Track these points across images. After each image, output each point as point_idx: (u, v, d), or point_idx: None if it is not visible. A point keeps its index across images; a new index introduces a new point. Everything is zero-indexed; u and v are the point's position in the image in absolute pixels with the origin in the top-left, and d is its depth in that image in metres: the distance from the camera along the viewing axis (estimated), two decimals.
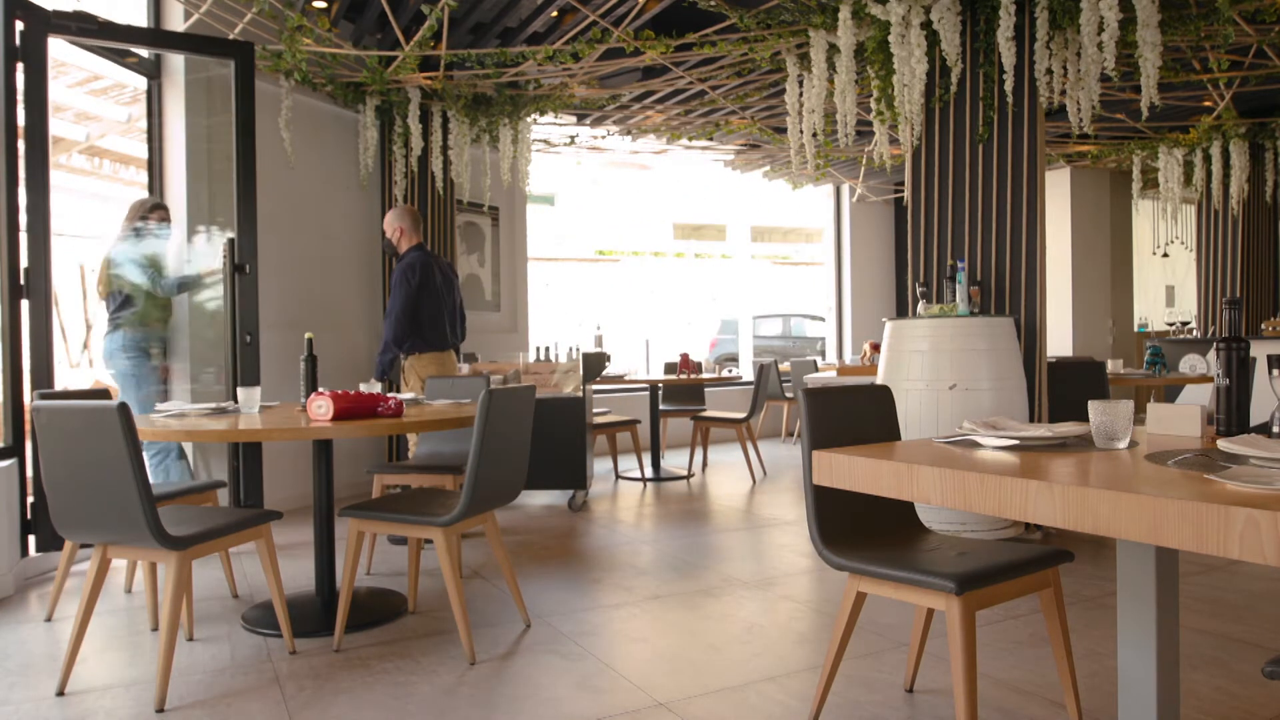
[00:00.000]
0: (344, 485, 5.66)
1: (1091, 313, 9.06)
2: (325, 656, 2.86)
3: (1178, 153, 7.66)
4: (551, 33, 5.43)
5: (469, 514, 2.84)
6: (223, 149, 4.95)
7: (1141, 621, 1.72)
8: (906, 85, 4.52)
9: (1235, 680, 2.56)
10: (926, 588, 1.98)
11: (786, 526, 4.84)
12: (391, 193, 6.08)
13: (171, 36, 4.80)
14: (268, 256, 5.44)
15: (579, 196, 13.18)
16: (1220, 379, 1.88)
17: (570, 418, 5.30)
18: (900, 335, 4.36)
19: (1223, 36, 4.85)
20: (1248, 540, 1.16)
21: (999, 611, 3.18)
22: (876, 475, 1.73)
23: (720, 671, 2.73)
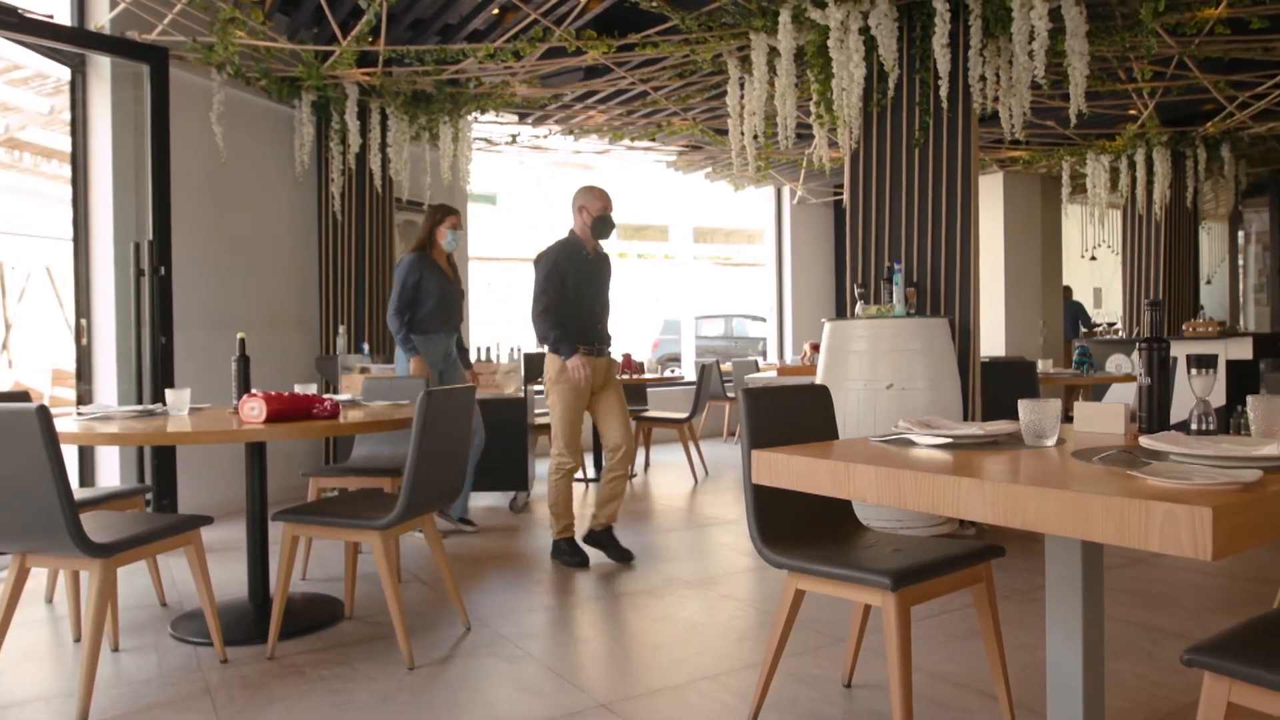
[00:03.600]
0: (278, 489, 5.53)
1: (1023, 314, 9.30)
2: (258, 665, 2.79)
3: (1104, 159, 7.92)
4: (492, 30, 5.38)
5: (407, 517, 2.80)
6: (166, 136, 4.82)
7: (1068, 613, 1.77)
8: (845, 89, 4.59)
9: (1157, 668, 2.65)
10: (863, 584, 2.01)
11: (728, 525, 4.87)
12: (328, 190, 5.96)
13: (84, 35, 4.64)
14: (198, 255, 5.29)
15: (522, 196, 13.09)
16: (1142, 378, 1.94)
17: (512, 419, 5.26)
18: (839, 336, 4.42)
19: (1146, 48, 5.02)
20: (1167, 533, 1.20)
21: (934, 606, 3.24)
22: (814, 474, 1.75)
23: (662, 671, 2.74)
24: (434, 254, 4.69)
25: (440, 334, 4.70)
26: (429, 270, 4.62)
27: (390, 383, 4.14)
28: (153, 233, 4.58)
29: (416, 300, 4.59)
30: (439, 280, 4.64)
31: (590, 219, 4.08)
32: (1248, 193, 9.31)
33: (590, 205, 4.09)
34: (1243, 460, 1.50)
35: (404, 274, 4.59)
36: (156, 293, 4.57)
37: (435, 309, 4.63)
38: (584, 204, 4.10)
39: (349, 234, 6.05)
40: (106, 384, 4.81)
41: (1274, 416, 1.73)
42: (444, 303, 4.66)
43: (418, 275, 4.58)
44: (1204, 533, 1.16)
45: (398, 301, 4.57)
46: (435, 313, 4.63)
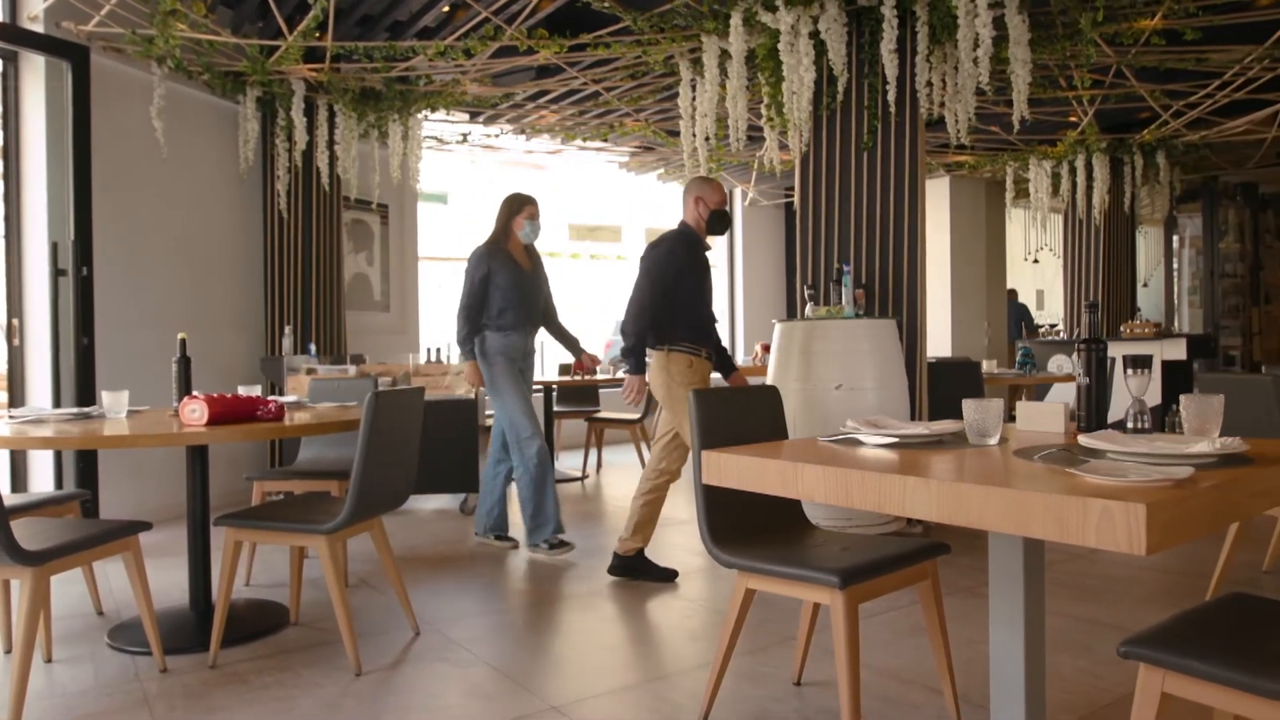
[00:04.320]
0: (221, 493, 5.41)
1: (969, 315, 9.49)
2: (200, 674, 2.72)
3: (1046, 164, 8.12)
4: (443, 28, 5.33)
5: (354, 520, 2.75)
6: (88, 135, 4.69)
7: (1010, 609, 1.80)
8: (795, 93, 4.63)
9: (1096, 661, 2.72)
10: (812, 583, 2.03)
11: (680, 526, 4.88)
12: (274, 187, 5.85)
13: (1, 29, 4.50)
14: (136, 252, 5.15)
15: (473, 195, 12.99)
16: (1081, 378, 1.99)
17: (462, 420, 5.21)
18: (789, 336, 4.46)
19: (1085, 57, 5.16)
20: (1103, 530, 1.23)
21: (882, 604, 3.28)
22: (764, 474, 1.76)
23: (613, 672, 2.73)
24: (509, 246, 4.33)
25: (518, 331, 4.30)
26: (499, 263, 4.26)
27: (337, 384, 4.07)
28: (74, 232, 4.46)
29: (487, 296, 4.24)
30: (511, 274, 4.27)
31: (707, 211, 3.78)
32: (1182, 199, 9.62)
33: (708, 196, 3.78)
34: (1175, 458, 1.55)
35: (470, 269, 4.26)
36: (79, 293, 4.45)
37: (508, 305, 4.24)
38: (701, 194, 3.79)
39: (295, 233, 5.94)
40: (40, 386, 4.66)
41: (1205, 415, 1.79)
42: (519, 298, 4.28)
43: (485, 269, 4.23)
44: (1138, 528, 1.19)
45: (466, 299, 4.23)
46: (509, 309, 4.25)
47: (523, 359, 4.38)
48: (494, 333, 4.26)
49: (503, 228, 4.36)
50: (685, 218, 3.82)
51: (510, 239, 4.36)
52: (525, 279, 4.34)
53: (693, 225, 3.79)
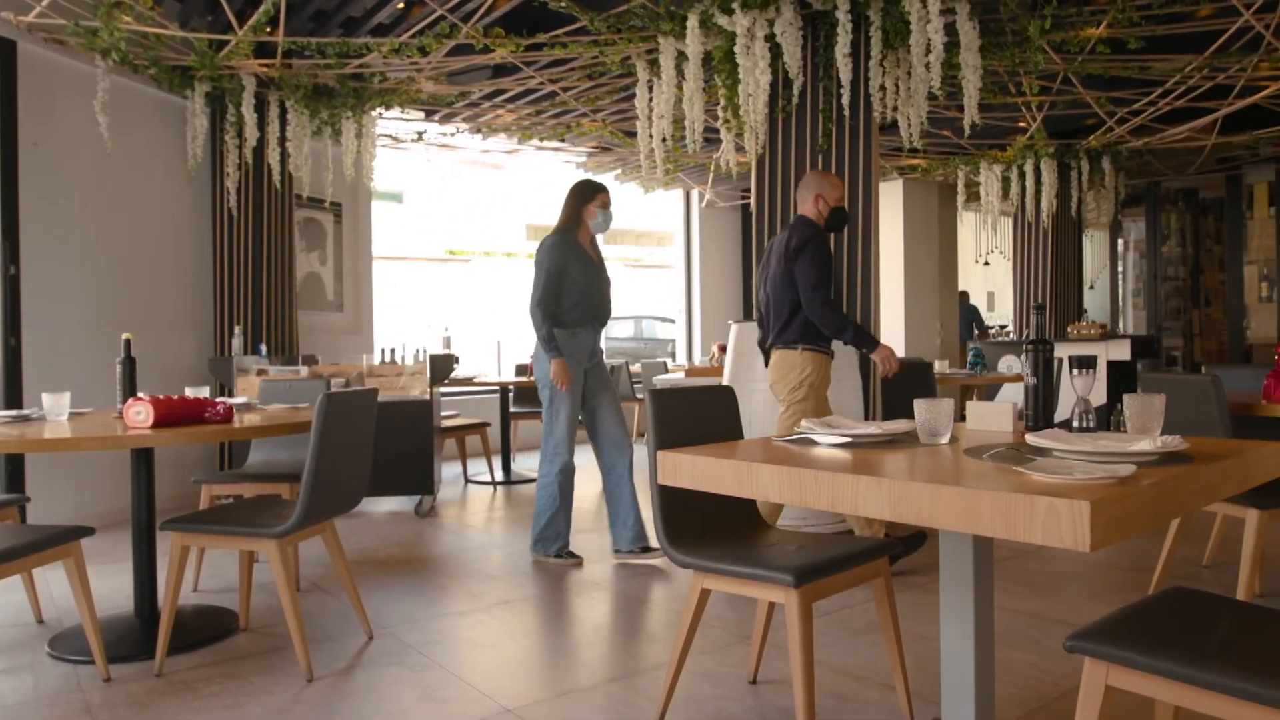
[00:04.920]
0: (168, 497, 5.29)
1: (922, 316, 9.63)
2: (145, 682, 2.66)
3: (996, 169, 8.28)
4: (398, 25, 5.27)
5: (306, 524, 2.71)
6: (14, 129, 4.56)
7: (960, 605, 1.83)
8: (751, 95, 4.66)
9: (1044, 655, 2.78)
10: (766, 582, 2.05)
11: None
12: (223, 185, 5.73)
13: None
14: (79, 250, 5.02)
15: (429, 194, 12.85)
16: (1028, 378, 2.03)
17: (417, 421, 5.16)
18: (745, 337, 4.48)
19: (1034, 63, 5.27)
20: (1049, 527, 1.26)
21: (836, 601, 3.32)
22: (719, 474, 1.76)
23: (569, 674, 2.72)
24: (579, 236, 4.08)
25: (587, 328, 4.07)
26: (574, 255, 3.99)
27: (289, 385, 4.00)
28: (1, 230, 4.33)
29: (560, 290, 3.97)
30: (585, 267, 4.02)
31: (828, 208, 3.71)
32: (1126, 203, 9.88)
33: (828, 193, 3.71)
34: (1118, 456, 1.58)
35: (547, 259, 3.95)
36: (7, 293, 4.32)
37: (581, 300, 4.00)
38: (821, 191, 3.71)
39: (245, 231, 5.83)
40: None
41: (1147, 414, 1.83)
42: (591, 293, 4.04)
43: (562, 261, 3.95)
44: (1083, 525, 1.22)
45: (542, 291, 3.93)
46: (581, 304, 4.00)
47: (589, 359, 4.13)
48: (561, 330, 4.00)
49: (573, 216, 4.08)
50: (804, 213, 3.75)
51: (581, 229, 4.10)
52: (596, 273, 4.10)
53: (814, 220, 3.72)
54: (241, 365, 5.27)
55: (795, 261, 3.59)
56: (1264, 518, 2.89)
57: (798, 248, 3.60)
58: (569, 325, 4.01)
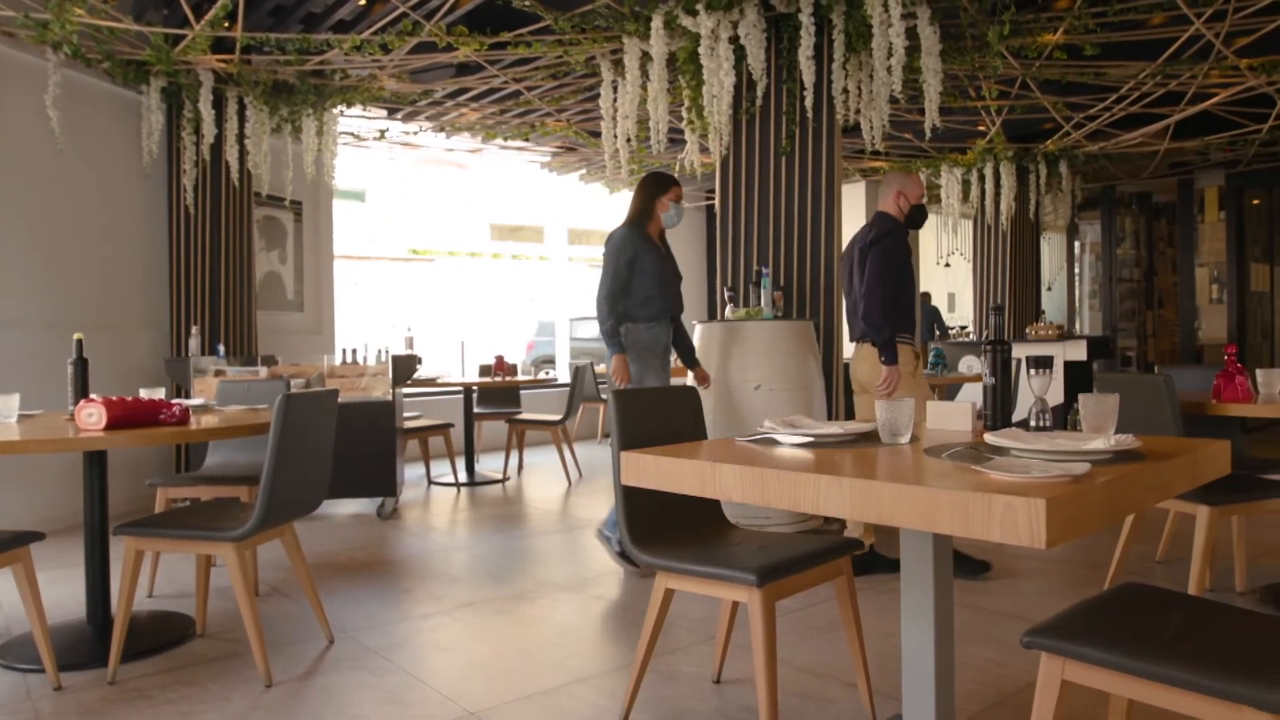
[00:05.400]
0: (123, 500, 5.18)
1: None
2: (98, 690, 2.60)
3: (957, 171, 8.39)
4: (359, 21, 5.21)
5: (264, 527, 2.66)
6: None
7: (921, 602, 1.85)
8: (716, 96, 4.68)
9: (1003, 651, 2.82)
10: (729, 581, 2.05)
11: None
12: (180, 182, 5.63)
13: None
14: (29, 248, 4.90)
15: (391, 193, 12.73)
16: (987, 378, 2.06)
17: (379, 422, 5.11)
18: (709, 338, 4.50)
19: (993, 68, 5.35)
20: (1006, 524, 1.27)
21: (799, 600, 3.34)
22: (682, 474, 1.77)
23: (533, 676, 2.71)
24: (650, 229, 3.95)
25: (661, 322, 3.92)
26: (645, 247, 3.87)
27: (247, 386, 3.94)
28: None
29: (631, 283, 3.83)
30: (656, 259, 3.90)
31: (909, 206, 3.74)
32: (1083, 206, 10.05)
33: (910, 190, 3.74)
34: (1074, 454, 1.61)
35: (616, 251, 3.81)
36: None
37: (655, 293, 3.86)
38: (902, 188, 3.74)
39: (203, 229, 5.73)
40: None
41: (1102, 413, 1.87)
42: (664, 286, 3.92)
43: (632, 252, 3.81)
44: (1039, 523, 1.24)
45: (611, 284, 3.78)
46: (655, 297, 3.87)
47: (663, 354, 3.98)
48: (640, 324, 3.86)
49: (645, 208, 3.94)
50: (884, 209, 3.78)
51: (652, 221, 3.97)
52: (667, 267, 3.99)
53: (893, 216, 3.75)
54: (199, 366, 5.18)
55: (869, 253, 3.67)
56: (1214, 514, 2.96)
57: (873, 241, 3.67)
58: (645, 320, 3.88)
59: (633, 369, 3.84)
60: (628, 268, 3.81)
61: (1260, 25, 4.94)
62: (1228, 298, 9.32)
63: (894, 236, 3.67)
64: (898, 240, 3.67)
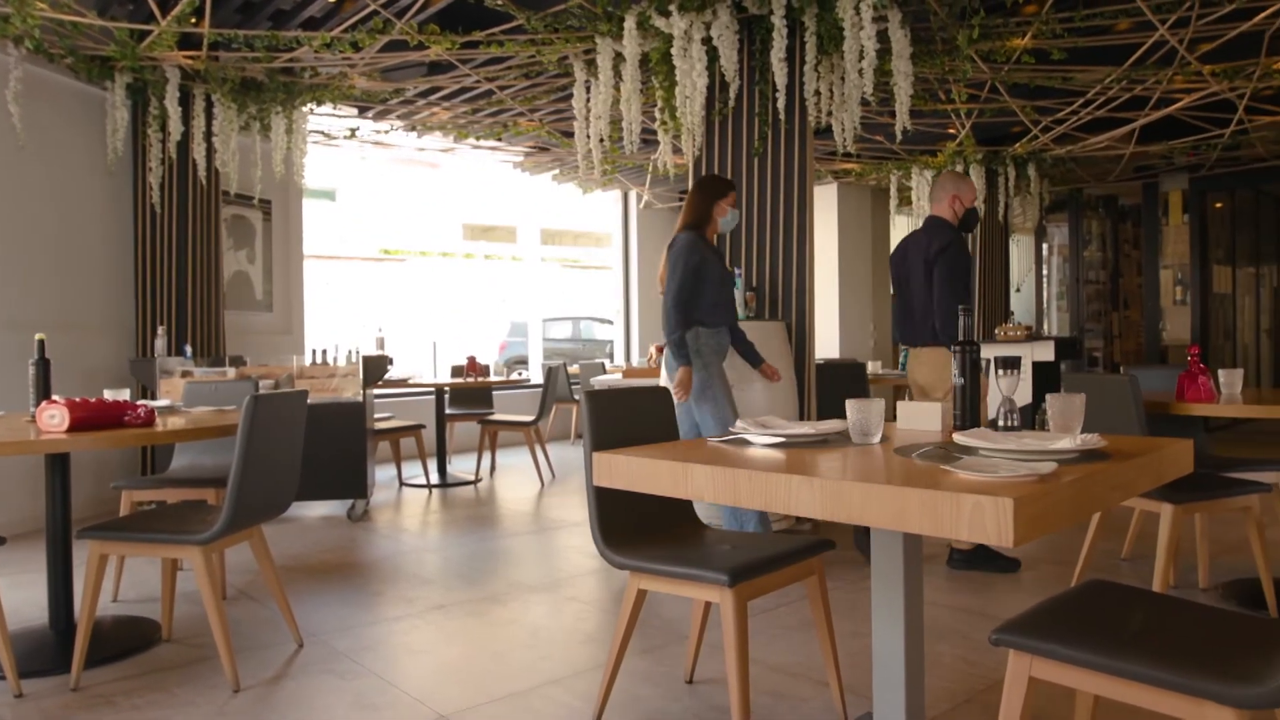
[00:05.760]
0: (87, 503, 5.10)
1: (856, 318, 9.80)
2: (60, 697, 2.55)
3: (928, 174, 8.46)
4: (329, 19, 5.16)
5: (232, 530, 2.63)
6: None
7: (891, 601, 1.87)
8: (688, 97, 4.69)
9: (972, 649, 2.85)
10: (701, 581, 2.05)
11: (574, 528, 4.87)
12: (145, 180, 5.54)
13: None
14: None
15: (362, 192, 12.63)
16: (956, 378, 2.08)
17: (349, 423, 5.06)
18: None
19: (962, 72, 5.40)
20: (975, 523, 1.29)
21: (772, 600, 3.35)
22: (654, 475, 1.77)
23: (505, 678, 2.70)
24: (709, 233, 3.85)
25: (723, 328, 3.84)
26: (709, 252, 3.76)
27: (215, 387, 3.89)
28: None
29: (699, 289, 3.70)
30: (719, 263, 3.81)
31: (963, 208, 3.81)
32: (1050, 209, 10.18)
33: (965, 195, 3.81)
34: (1041, 454, 1.63)
35: (686, 255, 3.66)
36: None
37: (720, 298, 3.77)
38: (958, 191, 3.80)
39: (169, 228, 5.64)
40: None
41: (1069, 413, 1.89)
42: (726, 290, 3.83)
43: (699, 258, 3.68)
44: (1006, 521, 1.25)
45: (678, 290, 3.62)
46: (720, 303, 3.77)
47: (723, 359, 3.90)
48: (709, 329, 3.76)
49: (705, 213, 3.83)
50: (939, 214, 3.83)
51: (710, 225, 3.86)
52: (726, 272, 3.91)
53: (949, 221, 3.82)
54: (165, 367, 5.10)
55: (935, 264, 3.73)
56: (1178, 512, 3.01)
57: (938, 251, 3.74)
58: (712, 324, 3.78)
59: (700, 376, 3.74)
60: (694, 274, 3.67)
61: (1223, 31, 5.04)
62: (1191, 299, 9.48)
63: (956, 248, 3.76)
64: (960, 250, 3.78)
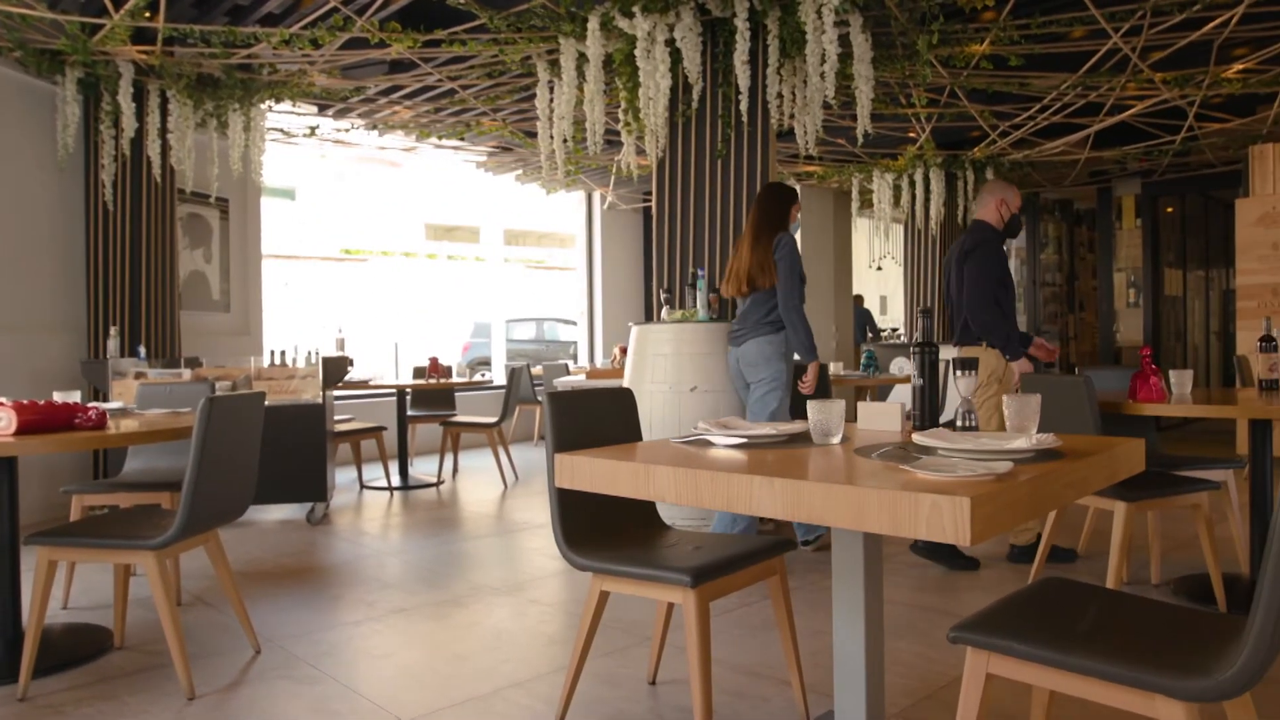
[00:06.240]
0: (37, 508, 4.97)
1: (818, 319, 9.87)
2: (8, 707, 2.48)
3: (888, 177, 8.56)
4: (288, 15, 5.09)
5: (186, 534, 2.58)
6: None
7: (851, 599, 1.88)
8: (652, 99, 4.70)
9: (932, 646, 2.88)
10: (664, 583, 2.05)
11: (537, 530, 4.85)
12: (98, 177, 5.42)
13: None
14: None
15: (323, 191, 12.48)
16: (915, 379, 2.10)
17: (308, 426, 4.99)
18: (645, 339, 4.51)
19: (922, 77, 5.48)
20: (932, 522, 1.30)
21: (735, 600, 3.36)
22: (616, 476, 1.76)
23: (467, 682, 2.68)
24: None
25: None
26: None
27: (169, 389, 3.81)
28: None
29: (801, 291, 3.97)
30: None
31: (1009, 214, 3.91)
32: None
33: (1011, 200, 3.91)
34: (997, 453, 1.65)
35: (795, 257, 3.94)
36: None
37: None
38: (1005, 197, 3.91)
39: (122, 227, 5.53)
40: None
41: (1024, 413, 1.92)
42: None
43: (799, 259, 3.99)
44: (963, 520, 1.26)
45: (801, 290, 3.89)
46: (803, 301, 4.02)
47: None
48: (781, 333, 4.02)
49: (783, 218, 4.06)
50: (984, 218, 3.92)
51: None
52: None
53: (993, 225, 3.91)
54: (118, 368, 5.00)
55: (966, 262, 3.81)
56: (1130, 509, 3.07)
57: (970, 249, 3.83)
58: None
59: (779, 371, 3.98)
60: (801, 277, 3.92)
61: (1174, 40, 5.16)
62: (1143, 302, 9.69)
63: (989, 246, 3.84)
64: (993, 249, 3.84)
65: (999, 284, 3.81)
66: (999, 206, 3.94)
